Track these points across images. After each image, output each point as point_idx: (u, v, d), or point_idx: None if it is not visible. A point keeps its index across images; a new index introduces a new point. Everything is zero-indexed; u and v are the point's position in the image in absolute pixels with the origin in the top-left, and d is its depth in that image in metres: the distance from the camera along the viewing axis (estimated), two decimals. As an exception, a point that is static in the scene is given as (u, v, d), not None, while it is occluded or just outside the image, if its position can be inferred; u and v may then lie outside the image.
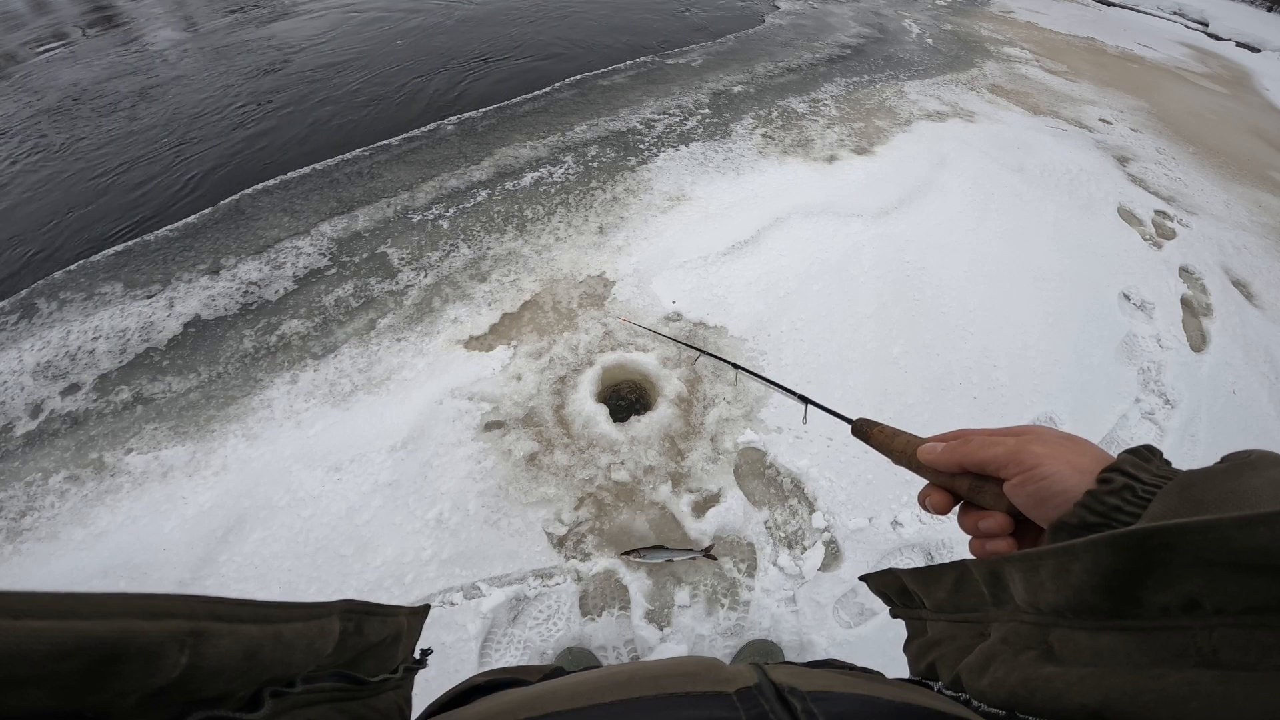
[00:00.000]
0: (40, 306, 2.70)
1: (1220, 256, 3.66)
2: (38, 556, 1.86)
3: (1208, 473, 0.34)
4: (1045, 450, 0.42)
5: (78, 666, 0.21)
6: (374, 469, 2.07)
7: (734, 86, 4.73)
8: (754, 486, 2.15)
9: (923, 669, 0.48)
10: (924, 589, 0.49)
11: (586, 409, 2.28)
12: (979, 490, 0.46)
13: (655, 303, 2.74)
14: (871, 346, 2.62)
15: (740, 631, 1.82)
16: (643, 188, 3.49)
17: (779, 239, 3.12)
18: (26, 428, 2.24)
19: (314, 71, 4.76)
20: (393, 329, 2.61)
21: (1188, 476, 0.35)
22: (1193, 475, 0.34)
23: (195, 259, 2.96)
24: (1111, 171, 4.30)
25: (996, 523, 0.45)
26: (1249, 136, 5.63)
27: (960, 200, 3.59)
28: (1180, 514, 0.32)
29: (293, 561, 1.85)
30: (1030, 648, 0.36)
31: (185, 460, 2.11)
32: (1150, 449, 0.38)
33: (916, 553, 2.03)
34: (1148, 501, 0.35)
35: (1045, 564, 0.35)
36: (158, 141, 3.91)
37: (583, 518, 2.02)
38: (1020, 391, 2.56)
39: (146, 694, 0.24)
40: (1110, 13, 9.43)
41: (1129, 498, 0.36)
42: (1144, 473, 0.36)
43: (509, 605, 1.81)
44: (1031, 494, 0.41)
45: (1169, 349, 2.92)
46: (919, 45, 6.10)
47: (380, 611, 0.43)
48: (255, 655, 0.28)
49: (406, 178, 3.53)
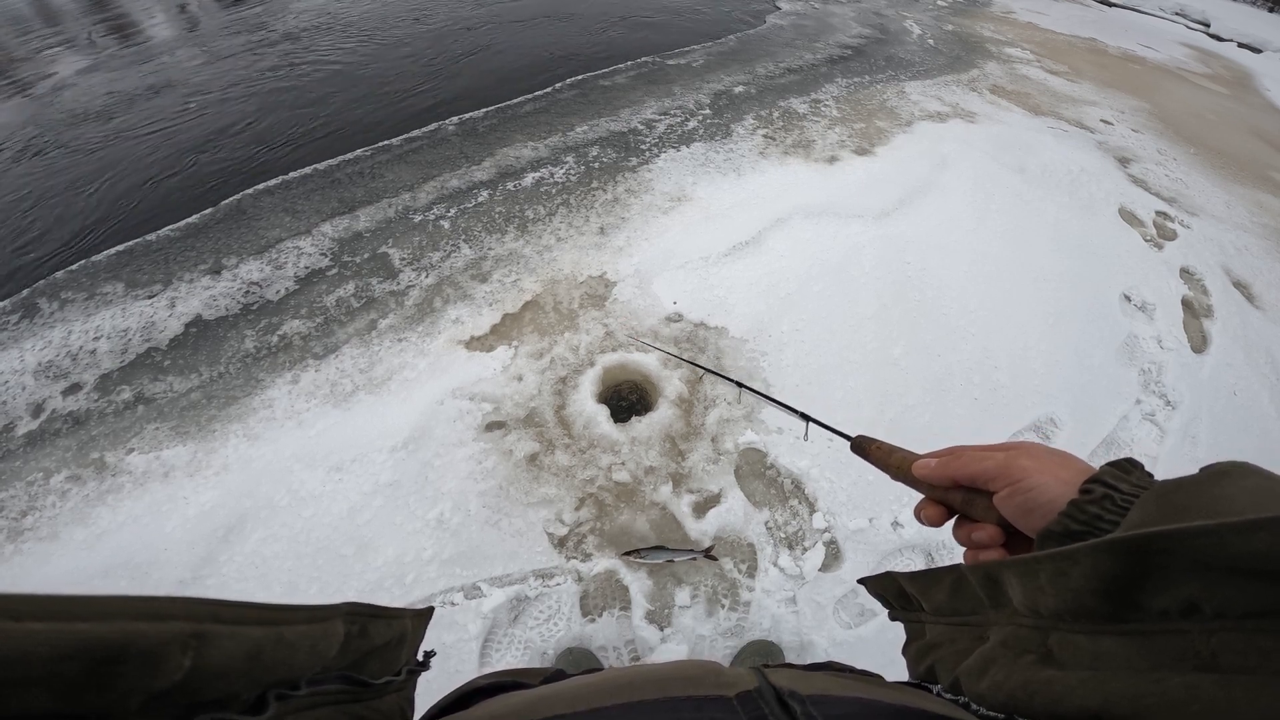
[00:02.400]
0: (42, 306, 2.71)
1: (1221, 257, 3.65)
2: (39, 556, 1.87)
3: (1185, 481, 0.35)
4: (1032, 464, 0.43)
5: (79, 669, 0.21)
6: (375, 469, 2.07)
7: (735, 87, 4.72)
8: (755, 487, 2.15)
9: (922, 672, 0.49)
10: (922, 592, 0.49)
11: (587, 409, 2.28)
12: (970, 503, 0.48)
13: (656, 303, 2.74)
14: (872, 347, 2.61)
15: (741, 632, 1.82)
16: (644, 188, 3.49)
17: (780, 240, 3.12)
18: (28, 427, 2.24)
19: (315, 70, 4.76)
20: (394, 329, 2.61)
21: (1164, 485, 0.36)
22: (1169, 484, 0.36)
23: (197, 259, 2.96)
24: (1112, 172, 4.30)
25: (988, 534, 0.46)
26: (1250, 137, 5.62)
27: (961, 201, 3.58)
28: (1158, 519, 0.33)
29: (294, 561, 1.86)
30: (1029, 651, 0.36)
31: (186, 460, 2.12)
32: (1131, 461, 0.40)
33: (917, 553, 2.03)
34: (1126, 510, 0.36)
35: (1044, 568, 0.35)
36: (158, 140, 3.92)
37: (583, 518, 2.02)
38: (1021, 392, 2.55)
39: (150, 696, 0.24)
40: (1111, 13, 9.42)
41: (1108, 506, 0.37)
42: (1123, 483, 0.38)
43: (510, 605, 1.81)
44: (1019, 504, 0.43)
45: (1170, 350, 2.91)
46: (920, 46, 6.10)
47: (385, 614, 0.43)
48: (258, 657, 0.28)
49: (408, 178, 3.53)
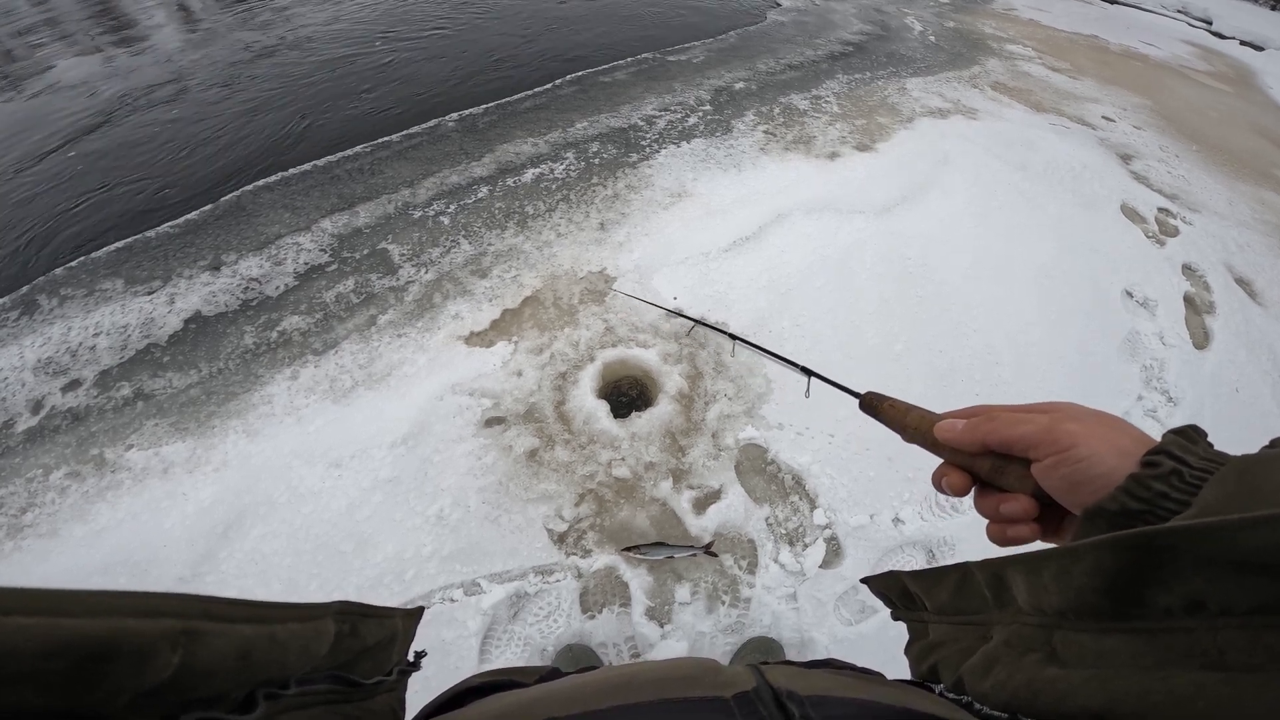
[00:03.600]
0: (41, 303, 2.70)
1: (1223, 254, 3.64)
2: (38, 553, 1.87)
3: (1263, 458, 0.31)
4: (1081, 429, 0.38)
5: (67, 665, 0.21)
6: (374, 465, 2.07)
7: (736, 83, 4.70)
8: (755, 483, 2.15)
9: (924, 671, 0.48)
10: (926, 591, 0.49)
11: (587, 405, 2.27)
12: (1002, 471, 0.43)
13: (656, 299, 2.73)
14: (874, 343, 2.61)
15: (741, 629, 1.82)
16: (644, 184, 3.48)
17: (781, 235, 3.11)
18: (27, 424, 2.24)
19: (316, 70, 4.74)
20: (393, 325, 2.61)
21: (1242, 462, 0.32)
22: (1248, 460, 0.32)
23: (196, 255, 2.96)
24: (1114, 169, 4.28)
25: (1020, 506, 0.42)
26: (1252, 134, 5.59)
27: (963, 197, 3.57)
28: (1237, 502, 0.30)
29: (293, 558, 1.86)
30: (1033, 650, 0.36)
31: (186, 456, 2.11)
32: (1196, 429, 0.35)
33: (918, 550, 2.03)
34: (1197, 488, 0.32)
35: (1048, 566, 0.34)
36: (158, 139, 3.90)
37: (583, 514, 2.02)
38: (1023, 388, 2.55)
39: (138, 693, 0.23)
40: (1113, 10, 9.37)
41: (1177, 483, 0.33)
42: (1192, 456, 0.33)
43: (509, 602, 1.81)
44: (1066, 476, 0.38)
45: (1172, 346, 2.90)
46: (921, 42, 6.07)
47: (375, 613, 0.42)
48: (249, 656, 0.28)
49: (407, 174, 3.52)
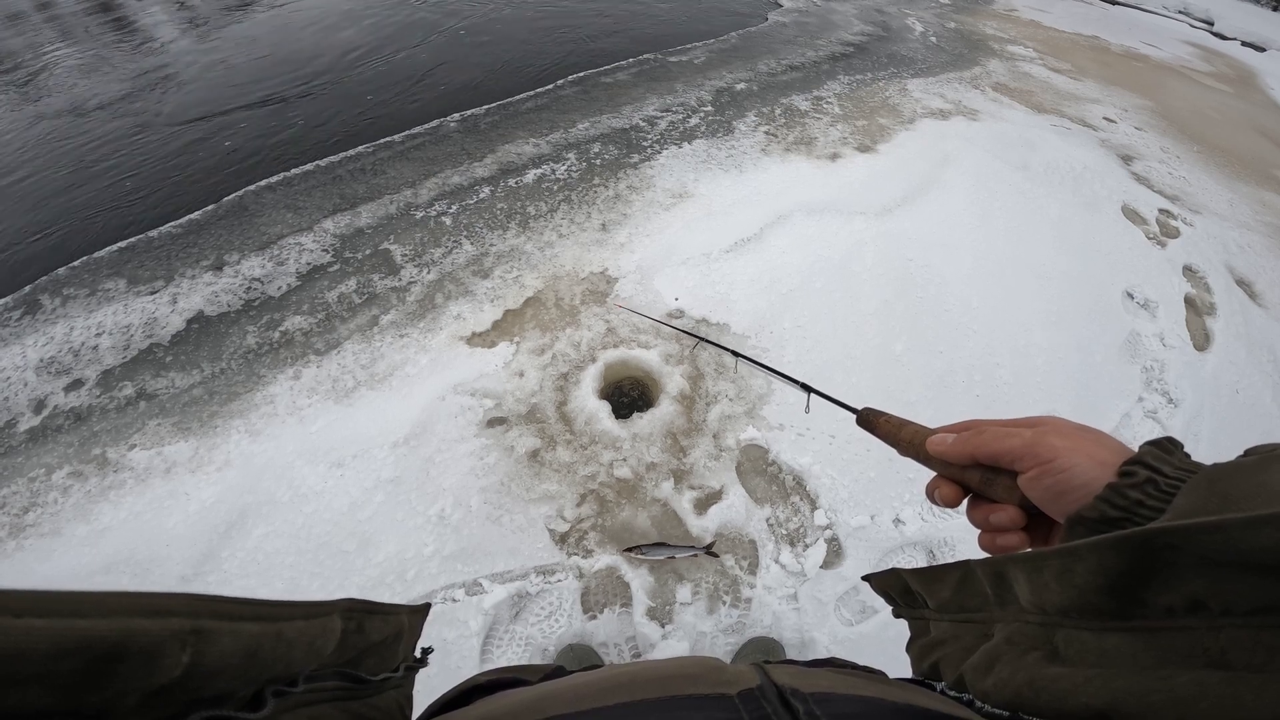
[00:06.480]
0: (44, 303, 2.71)
1: (1224, 255, 3.64)
2: (41, 552, 1.87)
3: (1234, 466, 0.32)
4: (1064, 442, 0.40)
5: (78, 665, 0.21)
6: (376, 465, 2.07)
7: (737, 84, 4.71)
8: (756, 484, 2.15)
9: (926, 669, 0.48)
10: (927, 589, 0.49)
11: (589, 405, 2.28)
12: (991, 483, 0.45)
13: (658, 299, 2.74)
14: (874, 344, 2.61)
15: (742, 629, 1.82)
16: (645, 185, 3.48)
17: (782, 236, 3.11)
18: (30, 423, 2.25)
19: (316, 69, 4.75)
20: (395, 325, 2.61)
21: (1214, 470, 0.34)
22: (1219, 469, 0.33)
23: (199, 255, 2.96)
24: (1115, 170, 4.28)
25: (1009, 516, 0.44)
26: (1254, 135, 5.59)
27: (963, 198, 3.57)
28: (1207, 509, 0.31)
29: (295, 557, 1.86)
30: (1035, 648, 0.36)
31: (188, 456, 2.12)
32: (1172, 441, 0.37)
33: (919, 550, 2.03)
34: (1171, 495, 0.34)
35: (1050, 565, 0.34)
36: (159, 140, 3.91)
37: (585, 514, 2.02)
38: (1023, 390, 2.55)
39: (148, 693, 0.24)
40: (1115, 11, 9.36)
41: (1152, 491, 0.35)
42: (1167, 465, 0.35)
43: (511, 602, 1.81)
44: (1049, 487, 0.40)
45: (1172, 348, 2.90)
46: (922, 43, 6.07)
47: (381, 610, 0.43)
48: (256, 654, 0.28)
49: (410, 174, 3.52)
